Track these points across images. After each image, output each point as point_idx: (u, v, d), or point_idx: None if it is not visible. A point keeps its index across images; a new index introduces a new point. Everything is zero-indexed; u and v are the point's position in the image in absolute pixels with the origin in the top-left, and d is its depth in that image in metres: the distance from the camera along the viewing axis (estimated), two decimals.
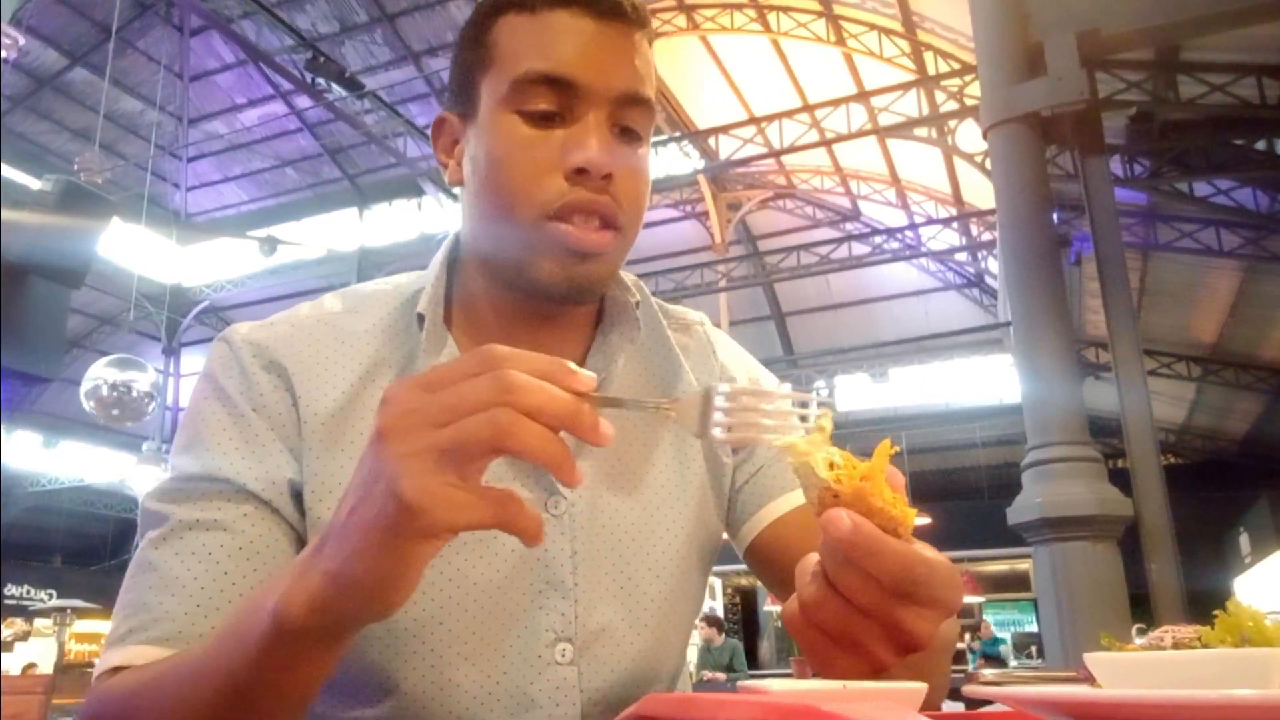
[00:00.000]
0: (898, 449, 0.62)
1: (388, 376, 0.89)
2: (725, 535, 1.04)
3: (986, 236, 13.74)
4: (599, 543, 0.91)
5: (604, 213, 0.83)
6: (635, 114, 0.86)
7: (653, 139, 0.91)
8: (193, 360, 20.09)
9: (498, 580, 0.85)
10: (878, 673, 0.61)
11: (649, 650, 0.91)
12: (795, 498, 0.98)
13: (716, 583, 17.31)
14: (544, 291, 0.85)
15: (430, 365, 0.85)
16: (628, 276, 0.96)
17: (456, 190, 0.93)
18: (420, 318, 0.88)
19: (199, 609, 0.76)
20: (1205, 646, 0.59)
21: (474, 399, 0.52)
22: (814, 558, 0.64)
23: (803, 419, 0.60)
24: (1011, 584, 16.26)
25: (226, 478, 0.81)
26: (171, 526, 0.79)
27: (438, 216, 12.85)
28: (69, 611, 13.61)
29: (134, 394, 10.56)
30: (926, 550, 0.61)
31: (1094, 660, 0.59)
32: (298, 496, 0.84)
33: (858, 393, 16.42)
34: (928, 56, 12.02)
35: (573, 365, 0.55)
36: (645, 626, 0.92)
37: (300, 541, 0.84)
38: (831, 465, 0.60)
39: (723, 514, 1.02)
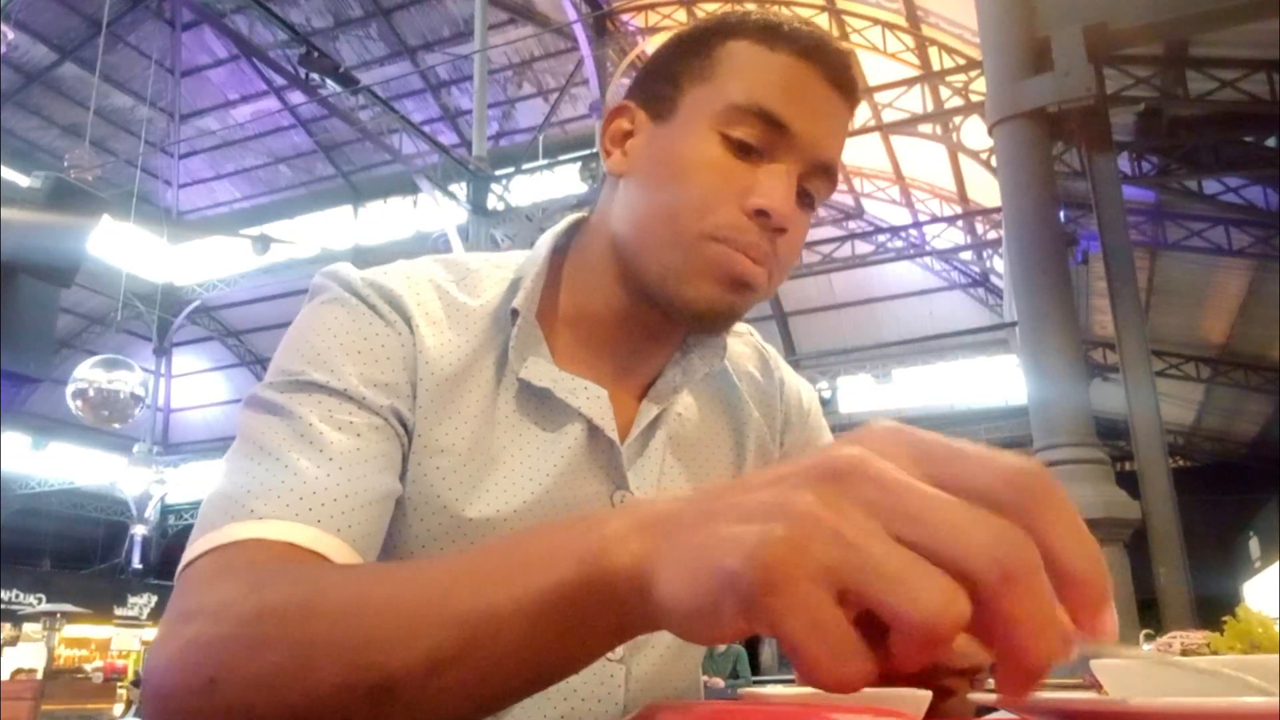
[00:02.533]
0: None
1: (488, 363, 0.87)
2: None
3: (992, 235, 13.73)
4: None
5: (767, 258, 0.83)
6: (820, 183, 0.87)
7: None
8: (184, 360, 20.10)
9: None
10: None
11: (691, 653, 0.96)
12: None
13: None
14: (688, 309, 0.85)
15: (519, 366, 0.86)
16: None
17: (618, 179, 0.91)
18: (514, 313, 0.86)
19: (336, 503, 0.68)
20: (1214, 653, 0.59)
21: (961, 553, 0.34)
22: None
23: None
24: None
25: (363, 397, 0.76)
26: (295, 415, 0.73)
27: (433, 214, 12.85)
28: (58, 616, 13.60)
29: (121, 395, 10.57)
30: None
31: (1101, 667, 0.58)
32: (409, 433, 0.81)
33: (861, 394, 16.42)
34: (932, 52, 12.02)
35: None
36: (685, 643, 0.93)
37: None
38: None
39: None
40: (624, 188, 0.90)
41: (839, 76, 0.85)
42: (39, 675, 12.17)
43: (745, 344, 1.09)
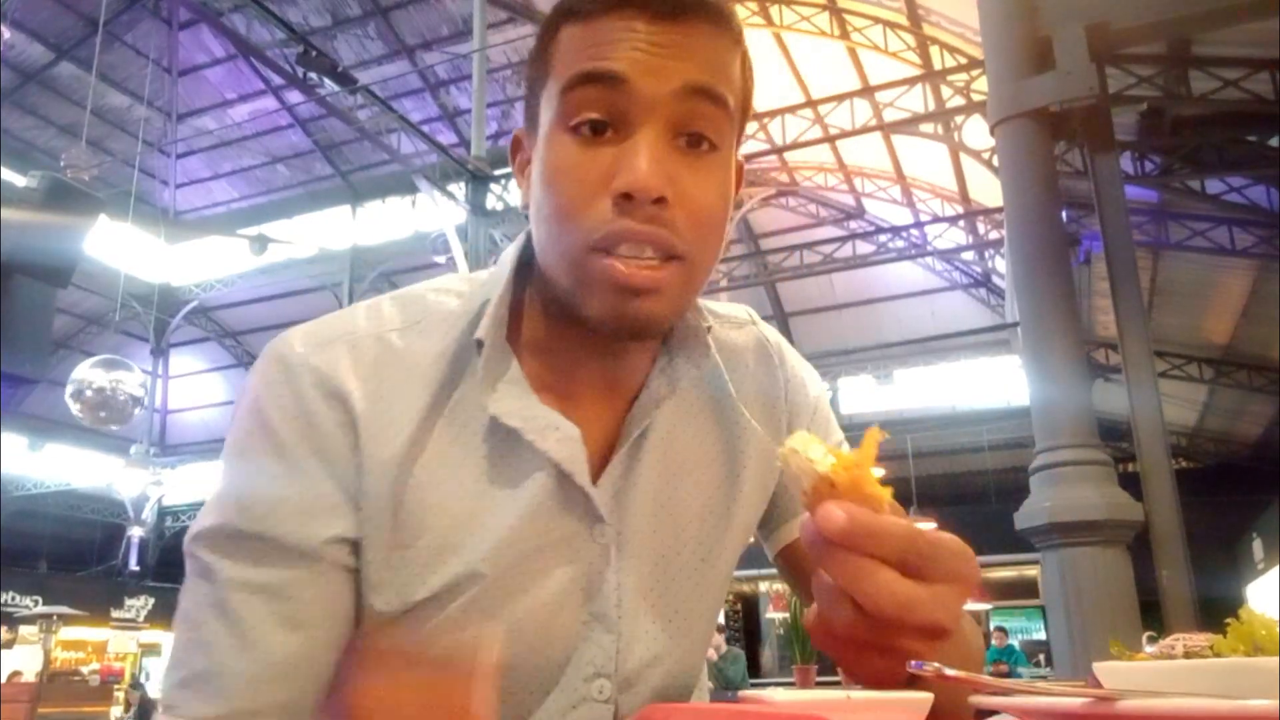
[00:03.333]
0: (887, 435, 0.65)
1: (448, 410, 0.83)
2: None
3: (994, 235, 13.74)
4: (645, 572, 0.89)
5: (656, 242, 0.76)
6: (703, 114, 0.78)
7: None
8: (181, 361, 20.11)
9: (544, 613, 0.83)
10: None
11: (685, 678, 0.92)
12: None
13: None
14: (599, 328, 0.79)
15: (489, 398, 0.82)
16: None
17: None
18: (479, 343, 0.82)
19: (247, 686, 0.73)
20: (1218, 655, 0.59)
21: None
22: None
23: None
24: (1019, 591, 16.25)
25: (278, 538, 0.76)
26: (221, 586, 0.75)
27: (432, 214, 12.85)
28: (55, 618, 13.55)
29: (120, 396, 10.57)
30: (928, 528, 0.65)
31: (1103, 669, 0.58)
32: (355, 546, 0.79)
33: (862, 395, 16.44)
34: (934, 51, 12.03)
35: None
36: (685, 655, 0.91)
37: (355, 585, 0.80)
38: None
39: (759, 518, 1.01)
40: (531, 216, 0.85)
41: (659, 6, 0.76)
42: (27, 678, 12.16)
43: (745, 335, 1.01)
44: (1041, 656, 13.20)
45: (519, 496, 0.82)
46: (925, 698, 0.60)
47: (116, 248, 14.66)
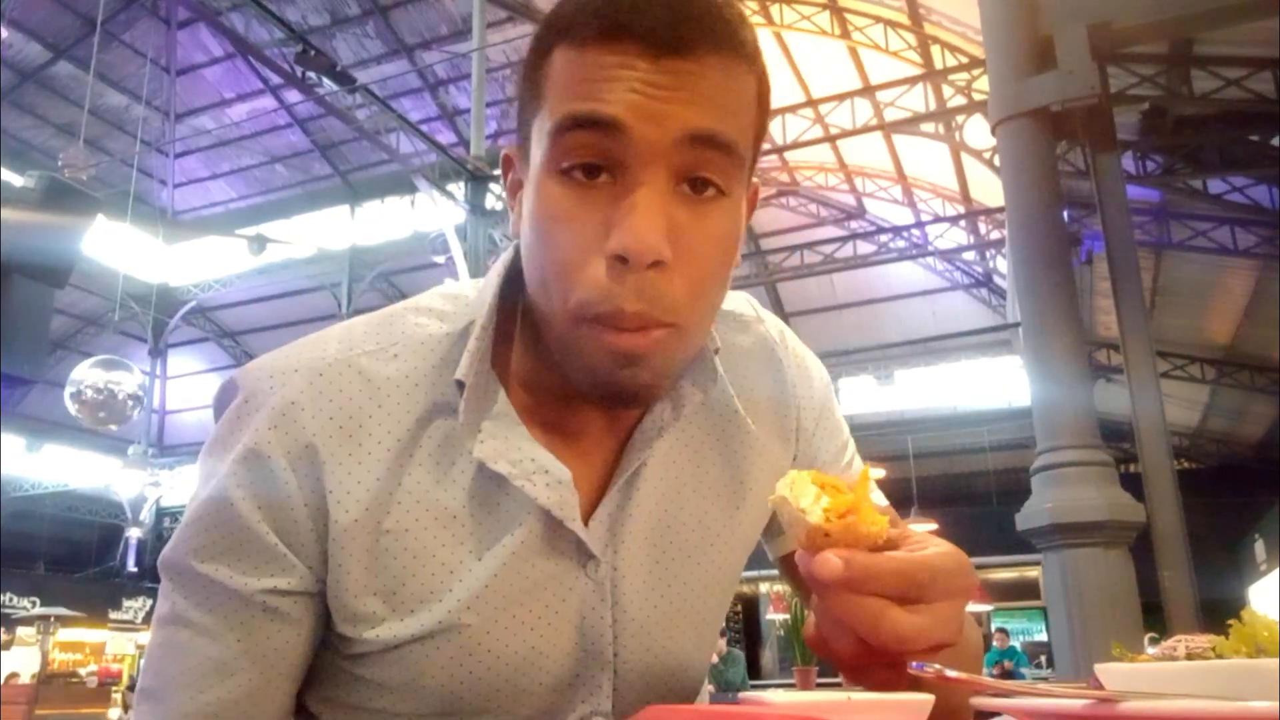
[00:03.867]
0: (881, 473, 0.65)
1: (433, 444, 0.79)
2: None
3: (995, 235, 13.74)
4: (644, 605, 0.86)
5: (648, 318, 0.70)
6: (709, 162, 0.71)
7: None
8: (179, 361, 20.11)
9: (535, 653, 0.81)
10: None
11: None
12: None
13: None
14: (590, 393, 0.75)
15: (473, 441, 0.78)
16: None
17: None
18: (460, 385, 0.77)
19: (182, 713, 0.75)
20: (1220, 657, 0.58)
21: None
22: None
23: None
24: (1021, 592, 16.25)
25: (221, 582, 0.75)
26: (171, 613, 0.77)
27: (431, 214, 12.84)
28: (52, 620, 13.57)
29: (119, 396, 10.56)
30: (924, 549, 0.66)
31: (1105, 670, 0.58)
32: (310, 597, 0.78)
33: (863, 395, 16.42)
34: (935, 50, 12.03)
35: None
36: (685, 684, 0.90)
37: (316, 625, 0.79)
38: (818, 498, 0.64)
39: (763, 527, 0.98)
40: (522, 249, 0.79)
41: (661, 39, 0.69)
42: (24, 680, 12.16)
43: (751, 337, 0.96)
44: (1043, 658, 13.21)
45: (506, 542, 0.79)
46: (926, 699, 0.60)
47: (114, 248, 14.66)
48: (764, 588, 16.23)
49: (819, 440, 0.98)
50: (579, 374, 0.74)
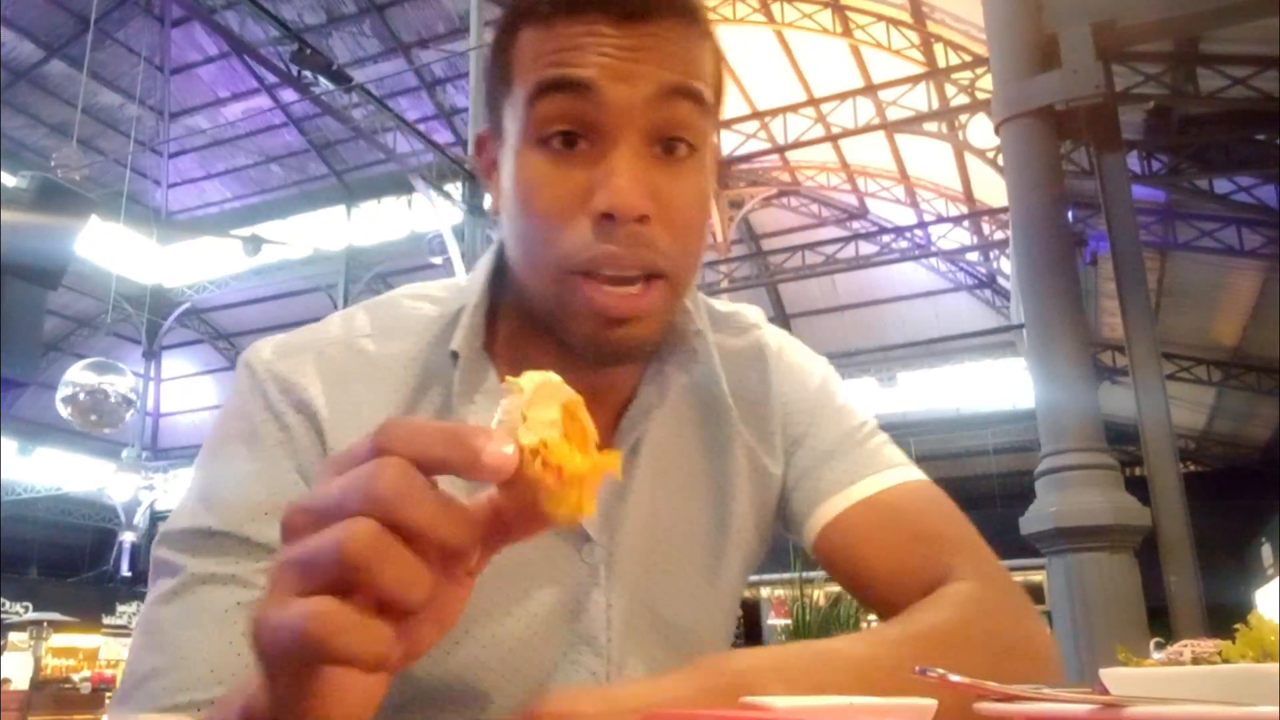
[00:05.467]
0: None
1: (430, 415, 0.81)
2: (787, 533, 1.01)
3: (999, 235, 13.74)
4: (637, 592, 0.87)
5: (640, 264, 0.73)
6: (680, 117, 0.75)
7: None
8: (173, 364, 20.10)
9: (526, 636, 0.82)
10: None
11: None
12: (841, 500, 0.93)
13: None
14: (581, 352, 0.77)
15: (466, 413, 0.81)
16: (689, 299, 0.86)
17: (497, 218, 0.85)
18: (455, 356, 0.81)
19: (211, 674, 0.71)
20: (1226, 661, 0.59)
21: (340, 504, 0.42)
22: None
23: None
24: None
25: (247, 536, 0.75)
26: (184, 580, 0.74)
27: (428, 214, 12.84)
28: (45, 625, 13.59)
29: (112, 399, 10.57)
30: None
31: (1110, 676, 0.58)
32: None
33: (865, 397, 16.42)
34: (938, 48, 12.04)
35: (488, 431, 0.45)
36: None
37: None
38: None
39: (769, 527, 0.99)
40: (503, 226, 0.83)
41: (626, 4, 0.73)
42: (17, 686, 12.15)
43: (745, 341, 0.99)
44: None
45: None
46: (929, 704, 0.60)
47: (108, 249, 14.67)
48: (765, 592, 16.23)
49: (813, 438, 0.97)
50: (574, 336, 0.76)
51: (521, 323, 0.84)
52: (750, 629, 18.35)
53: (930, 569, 0.89)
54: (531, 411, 0.47)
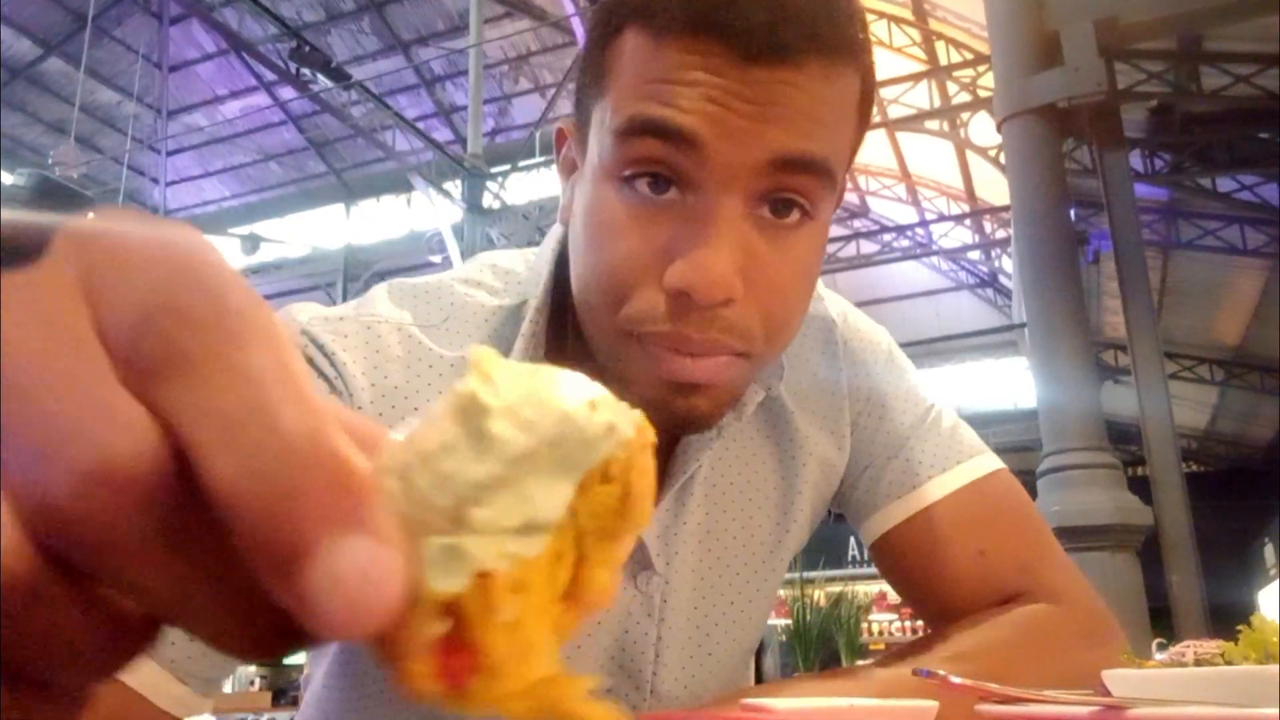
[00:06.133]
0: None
1: None
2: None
3: (1001, 234, 13.74)
4: (688, 622, 0.81)
5: (716, 348, 0.64)
6: (798, 184, 0.63)
7: None
8: None
9: (565, 664, 0.76)
10: None
11: None
12: (901, 508, 0.86)
13: None
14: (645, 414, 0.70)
15: None
16: None
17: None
18: None
19: None
20: (1229, 663, 0.59)
21: None
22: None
23: None
24: None
25: None
26: None
27: (427, 213, 12.85)
28: None
29: None
30: None
31: (1112, 677, 0.58)
32: None
33: None
34: (939, 46, 12.04)
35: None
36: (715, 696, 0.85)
37: None
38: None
39: (820, 515, 0.92)
40: (570, 241, 0.72)
41: (754, 40, 0.59)
42: None
43: (808, 323, 0.88)
44: None
45: None
46: (930, 706, 0.60)
47: None
48: None
49: (878, 425, 0.90)
50: (627, 394, 0.67)
51: (583, 335, 0.73)
52: None
53: (995, 588, 0.84)
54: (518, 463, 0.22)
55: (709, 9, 0.60)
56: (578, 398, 0.23)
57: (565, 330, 0.76)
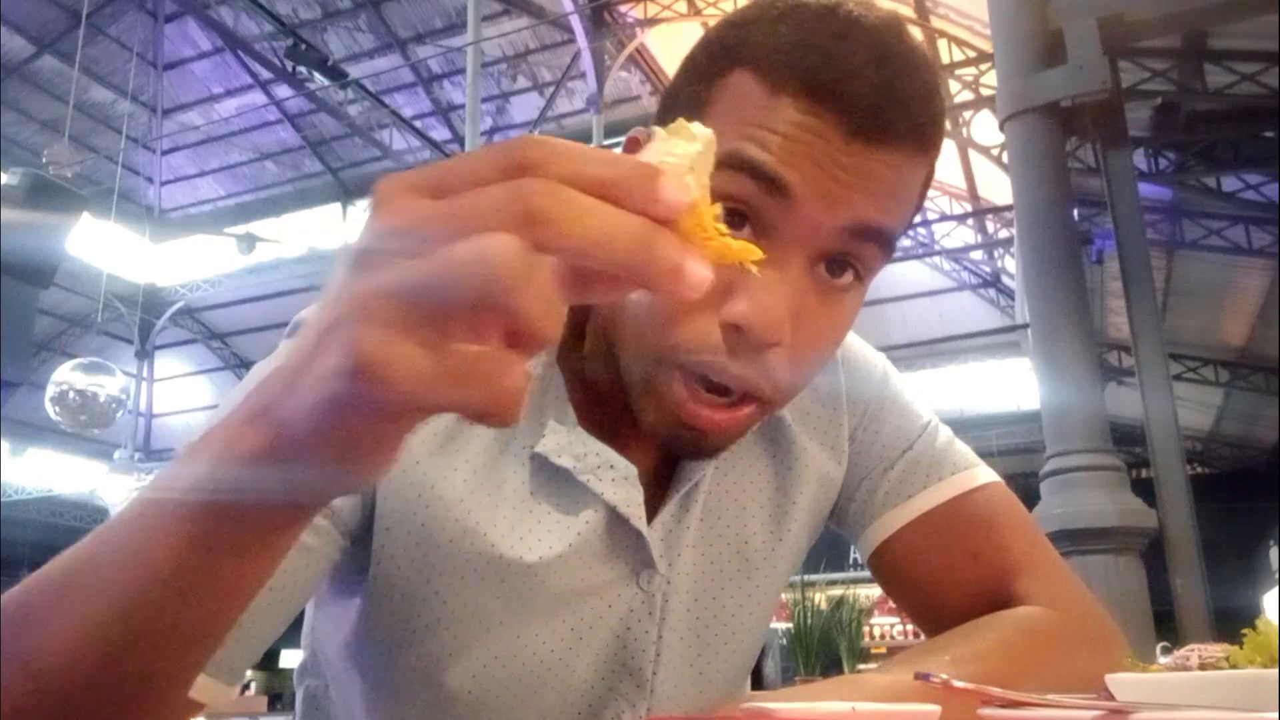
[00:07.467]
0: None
1: (487, 434, 0.77)
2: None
3: (1003, 234, 13.75)
4: (687, 624, 0.84)
5: (746, 386, 0.68)
6: (862, 250, 0.69)
7: None
8: (167, 364, 20.09)
9: (567, 658, 0.79)
10: None
11: None
12: (897, 517, 0.90)
13: None
14: (643, 429, 0.72)
15: (535, 438, 0.76)
16: None
17: None
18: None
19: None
20: (1234, 667, 0.59)
21: (478, 220, 0.34)
22: None
23: None
24: None
25: None
26: None
27: None
28: None
29: (101, 399, 10.55)
30: None
31: (1116, 681, 0.58)
32: (359, 527, 0.74)
33: None
34: (941, 44, 12.04)
35: (660, 172, 0.37)
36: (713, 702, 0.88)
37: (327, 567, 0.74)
38: None
39: (819, 528, 0.95)
40: None
41: (867, 117, 0.65)
42: None
43: None
44: None
45: (563, 535, 0.77)
46: (933, 710, 0.60)
47: (100, 247, 14.64)
48: None
49: (874, 440, 0.93)
50: (647, 420, 0.71)
51: (600, 343, 0.78)
52: None
53: (991, 592, 0.86)
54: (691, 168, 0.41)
55: (828, 81, 0.65)
56: (706, 134, 0.42)
57: (580, 332, 0.79)
